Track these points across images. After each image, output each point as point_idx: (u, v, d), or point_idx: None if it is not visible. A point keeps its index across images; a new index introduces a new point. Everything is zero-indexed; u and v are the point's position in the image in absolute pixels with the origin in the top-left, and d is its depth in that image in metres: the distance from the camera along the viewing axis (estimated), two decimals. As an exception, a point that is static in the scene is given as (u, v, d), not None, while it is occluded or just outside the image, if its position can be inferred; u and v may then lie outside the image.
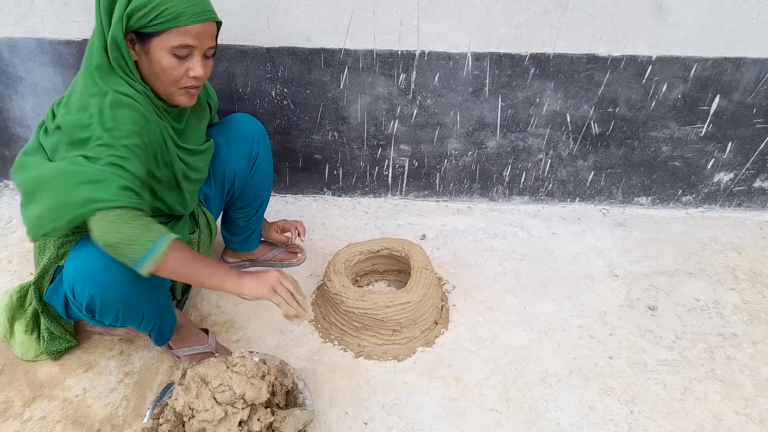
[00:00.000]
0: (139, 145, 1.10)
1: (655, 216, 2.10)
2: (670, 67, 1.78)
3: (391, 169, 2.08)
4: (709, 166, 2.00)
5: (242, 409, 1.12)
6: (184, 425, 1.13)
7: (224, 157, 1.49)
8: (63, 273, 1.19)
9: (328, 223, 2.04)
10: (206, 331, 1.51)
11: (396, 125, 1.95)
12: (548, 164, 2.03)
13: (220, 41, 1.76)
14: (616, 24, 1.69)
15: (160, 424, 1.15)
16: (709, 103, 1.85)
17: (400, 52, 1.78)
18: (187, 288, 1.59)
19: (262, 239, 1.81)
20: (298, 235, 1.75)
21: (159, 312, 1.30)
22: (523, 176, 2.07)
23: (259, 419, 1.13)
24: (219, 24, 1.20)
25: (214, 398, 1.11)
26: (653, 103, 1.86)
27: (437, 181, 2.11)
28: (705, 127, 1.91)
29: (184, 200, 1.34)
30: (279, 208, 2.11)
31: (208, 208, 1.53)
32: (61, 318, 1.40)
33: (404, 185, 2.13)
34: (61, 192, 1.02)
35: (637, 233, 2.00)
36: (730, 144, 1.94)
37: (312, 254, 1.88)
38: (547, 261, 1.86)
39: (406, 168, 2.07)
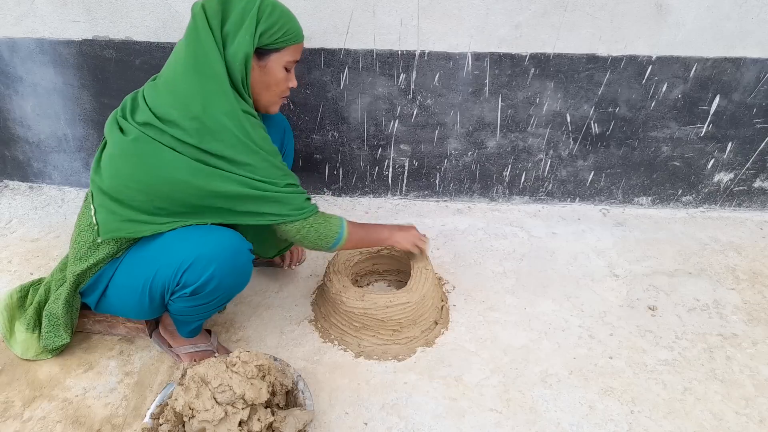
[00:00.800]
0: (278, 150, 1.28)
1: (655, 216, 2.10)
2: (670, 67, 1.78)
3: (391, 169, 2.08)
4: (709, 166, 2.00)
5: (242, 409, 1.12)
6: (184, 425, 1.13)
7: None
8: (163, 254, 1.21)
9: (328, 223, 2.04)
10: (208, 332, 1.51)
11: (396, 125, 1.95)
12: (548, 164, 2.03)
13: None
14: (616, 24, 1.69)
15: (160, 424, 1.15)
16: (709, 103, 1.85)
17: (400, 52, 1.78)
18: None
19: None
20: (290, 263, 1.78)
21: None
22: (523, 176, 2.07)
23: (259, 419, 1.13)
24: None
25: (214, 398, 1.11)
26: (653, 103, 1.86)
27: (437, 181, 2.11)
28: (705, 127, 1.91)
29: None
30: (279, 208, 2.11)
31: None
32: (74, 311, 1.41)
33: (404, 185, 2.13)
34: (254, 208, 1.21)
35: (637, 233, 2.00)
36: (730, 144, 1.94)
37: (312, 254, 1.87)
38: (547, 261, 1.86)
39: (406, 168, 2.07)
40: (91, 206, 1.28)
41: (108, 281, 1.31)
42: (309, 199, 1.30)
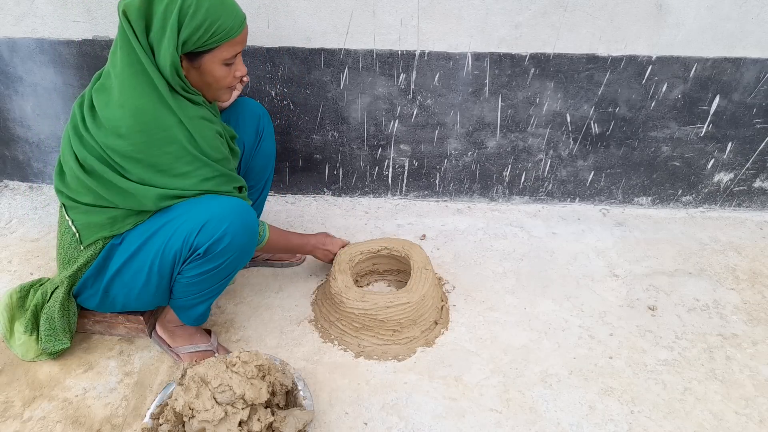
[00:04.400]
0: (230, 155, 1.33)
1: (655, 216, 2.10)
2: (670, 67, 1.78)
3: (391, 169, 2.08)
4: (709, 166, 2.00)
5: (242, 409, 1.12)
6: (184, 425, 1.13)
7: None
8: (171, 226, 1.23)
9: (328, 223, 2.04)
10: (208, 332, 1.51)
11: (396, 125, 1.95)
12: (548, 164, 2.03)
13: (220, 41, 1.77)
14: (616, 24, 1.69)
15: (160, 424, 1.15)
16: (709, 103, 1.85)
17: (400, 52, 1.78)
18: None
19: None
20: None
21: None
22: (523, 176, 2.07)
23: (259, 419, 1.13)
24: None
25: (214, 398, 1.11)
26: (653, 103, 1.86)
27: (437, 181, 2.11)
28: (705, 127, 1.91)
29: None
30: (279, 208, 2.11)
31: None
32: (71, 315, 1.41)
33: (404, 185, 2.13)
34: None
35: (637, 233, 2.01)
36: (730, 144, 1.94)
37: (312, 254, 1.87)
38: (547, 261, 1.86)
39: (406, 168, 2.07)
40: (66, 217, 1.30)
41: (105, 274, 1.31)
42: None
